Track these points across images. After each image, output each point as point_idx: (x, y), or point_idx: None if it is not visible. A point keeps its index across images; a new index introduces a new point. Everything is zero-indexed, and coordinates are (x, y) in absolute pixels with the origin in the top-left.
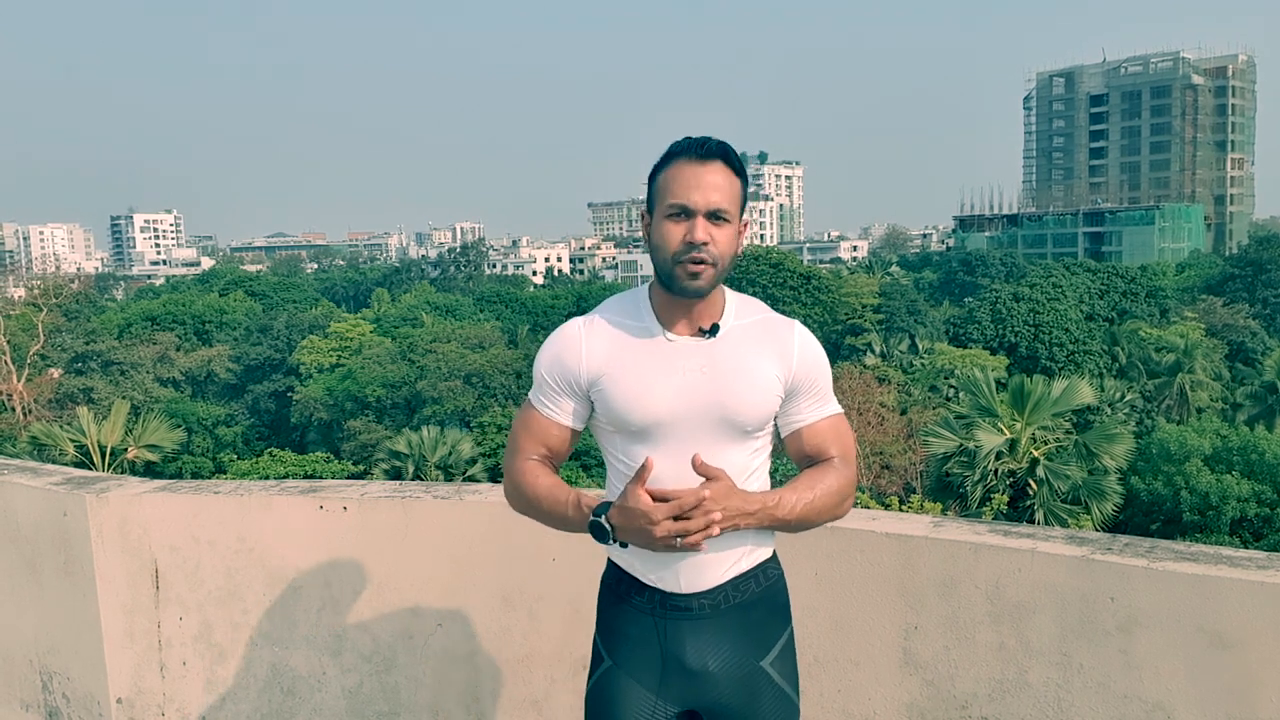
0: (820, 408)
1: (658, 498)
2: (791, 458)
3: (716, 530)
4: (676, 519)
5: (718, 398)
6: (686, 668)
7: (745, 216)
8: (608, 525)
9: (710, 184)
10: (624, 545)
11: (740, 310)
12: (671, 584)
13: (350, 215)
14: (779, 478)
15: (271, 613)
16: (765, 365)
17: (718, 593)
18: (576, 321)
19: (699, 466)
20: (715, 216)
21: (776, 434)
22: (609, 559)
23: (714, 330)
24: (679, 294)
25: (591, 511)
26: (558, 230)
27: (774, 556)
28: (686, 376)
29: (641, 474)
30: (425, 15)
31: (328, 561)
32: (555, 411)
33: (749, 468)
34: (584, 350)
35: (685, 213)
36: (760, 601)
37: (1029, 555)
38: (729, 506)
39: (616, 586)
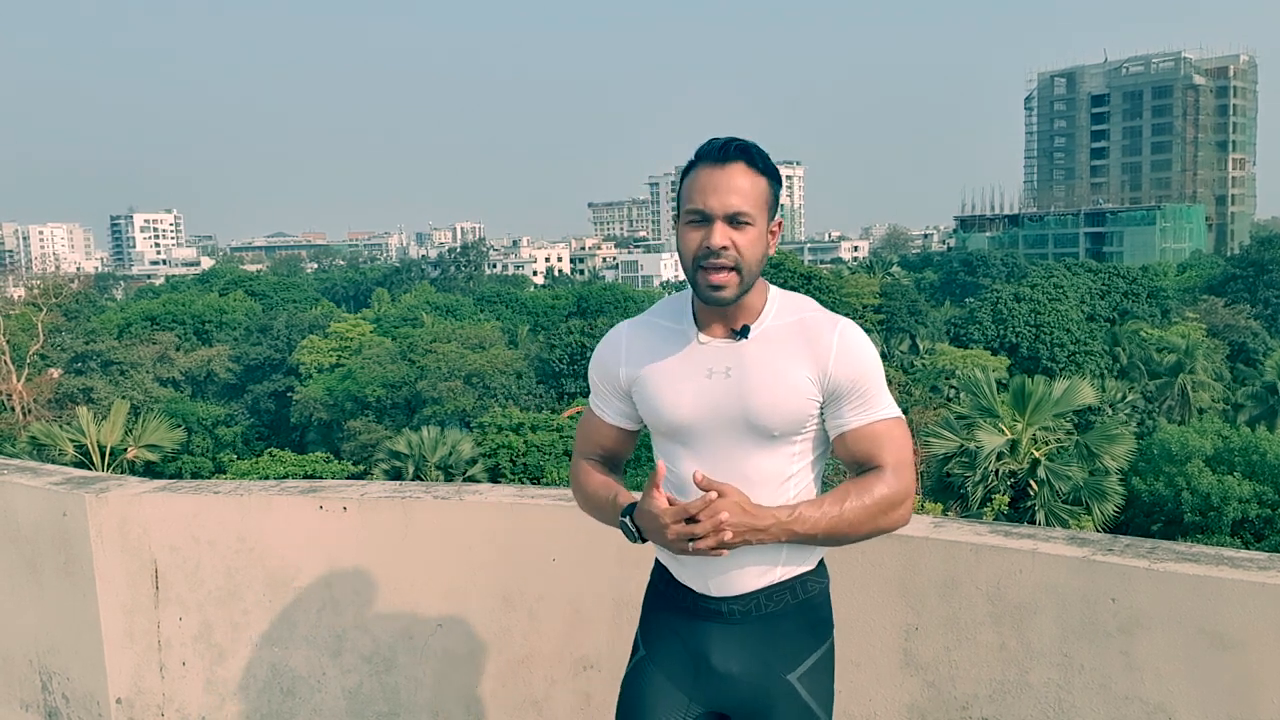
0: (866, 412)
1: (674, 502)
2: (842, 463)
3: (728, 535)
4: (690, 521)
5: (740, 401)
6: (713, 669)
7: (779, 217)
8: (632, 526)
9: (729, 187)
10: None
11: (782, 310)
12: (702, 586)
13: (350, 215)
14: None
15: (271, 613)
16: (795, 367)
17: (749, 600)
18: (623, 324)
19: (699, 482)
20: (735, 220)
21: (826, 438)
22: (655, 557)
23: (744, 332)
24: (704, 301)
25: (620, 512)
26: (558, 230)
27: (818, 569)
28: (712, 379)
29: (655, 477)
30: (426, 15)
31: (328, 562)
32: (604, 412)
33: (784, 474)
34: (624, 352)
35: (703, 218)
36: (794, 614)
37: (1030, 556)
38: (736, 522)
39: (659, 583)
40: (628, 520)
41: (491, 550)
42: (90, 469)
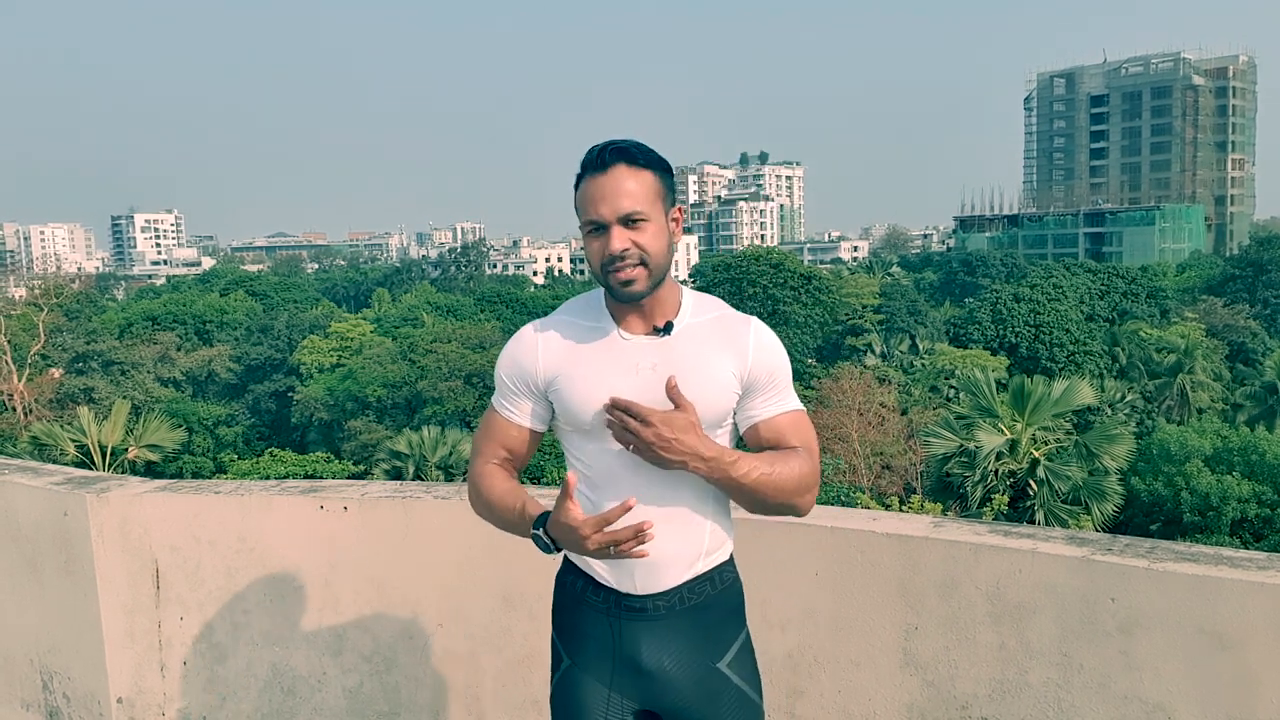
0: (779, 403)
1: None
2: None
3: (650, 537)
4: (614, 528)
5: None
6: (643, 668)
7: (678, 204)
8: (546, 538)
9: (615, 191)
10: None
11: (696, 308)
12: (627, 585)
13: (351, 215)
14: None
15: (272, 613)
16: (720, 362)
17: (673, 594)
18: (533, 324)
19: (671, 390)
20: (629, 221)
21: (736, 433)
22: (565, 557)
23: (668, 328)
24: (618, 299)
25: (531, 524)
26: (558, 230)
27: (730, 560)
28: (640, 375)
29: (567, 488)
30: (426, 15)
31: (328, 562)
32: (514, 413)
33: None
34: (540, 351)
35: (599, 227)
36: (715, 604)
37: (1029, 556)
38: (685, 441)
39: (572, 587)
40: (541, 533)
41: (492, 550)
42: (91, 469)
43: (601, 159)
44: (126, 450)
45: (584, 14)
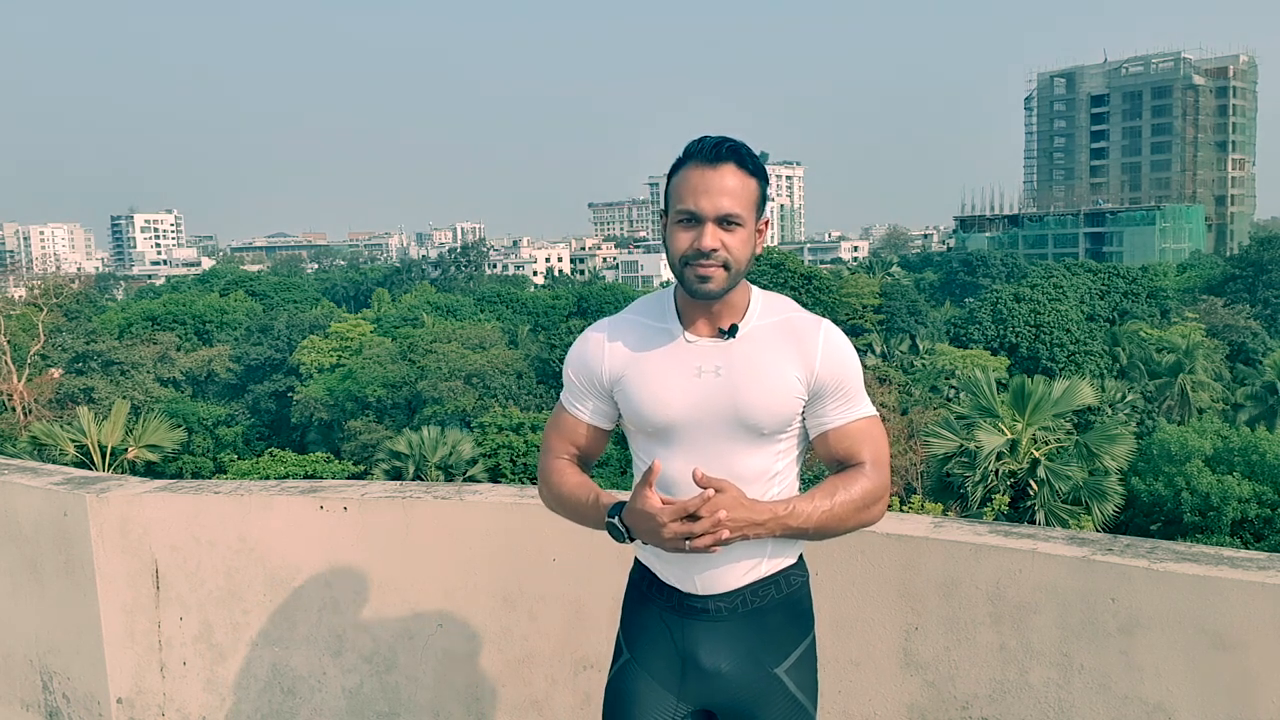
0: (849, 410)
1: (667, 501)
2: (821, 461)
3: (725, 534)
4: (689, 519)
5: (731, 399)
6: (701, 668)
7: (765, 216)
8: (621, 526)
9: (720, 189)
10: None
11: (765, 310)
12: (689, 585)
13: (350, 215)
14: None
15: (272, 613)
16: (784, 366)
17: (735, 596)
18: (603, 322)
19: (699, 479)
20: (726, 221)
21: (806, 436)
22: (635, 557)
23: (732, 331)
24: (691, 295)
25: (606, 512)
26: (558, 230)
27: (799, 563)
28: (702, 378)
29: (649, 475)
30: (426, 15)
31: (328, 562)
32: (581, 411)
33: (770, 471)
34: (606, 350)
35: (694, 219)
36: (779, 608)
37: (1030, 556)
38: (735, 517)
39: (640, 583)
40: (617, 520)
41: (491, 550)
42: (91, 469)
43: (716, 153)
44: (126, 450)
45: (584, 15)
